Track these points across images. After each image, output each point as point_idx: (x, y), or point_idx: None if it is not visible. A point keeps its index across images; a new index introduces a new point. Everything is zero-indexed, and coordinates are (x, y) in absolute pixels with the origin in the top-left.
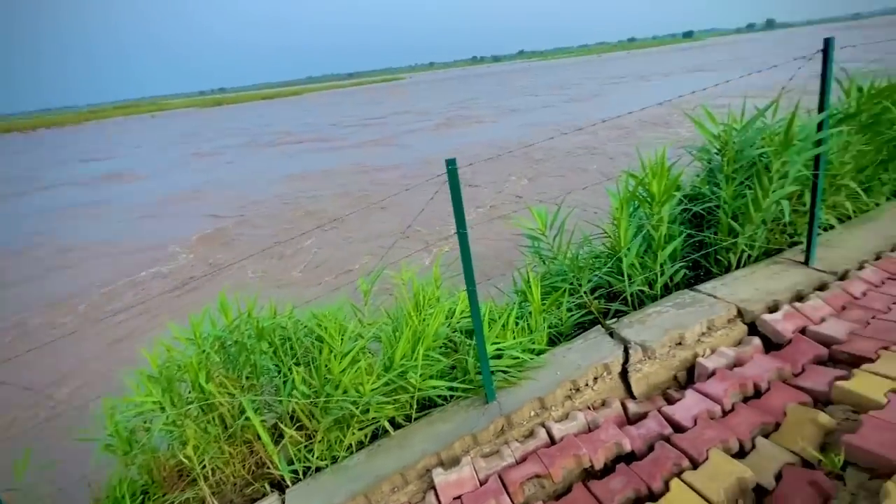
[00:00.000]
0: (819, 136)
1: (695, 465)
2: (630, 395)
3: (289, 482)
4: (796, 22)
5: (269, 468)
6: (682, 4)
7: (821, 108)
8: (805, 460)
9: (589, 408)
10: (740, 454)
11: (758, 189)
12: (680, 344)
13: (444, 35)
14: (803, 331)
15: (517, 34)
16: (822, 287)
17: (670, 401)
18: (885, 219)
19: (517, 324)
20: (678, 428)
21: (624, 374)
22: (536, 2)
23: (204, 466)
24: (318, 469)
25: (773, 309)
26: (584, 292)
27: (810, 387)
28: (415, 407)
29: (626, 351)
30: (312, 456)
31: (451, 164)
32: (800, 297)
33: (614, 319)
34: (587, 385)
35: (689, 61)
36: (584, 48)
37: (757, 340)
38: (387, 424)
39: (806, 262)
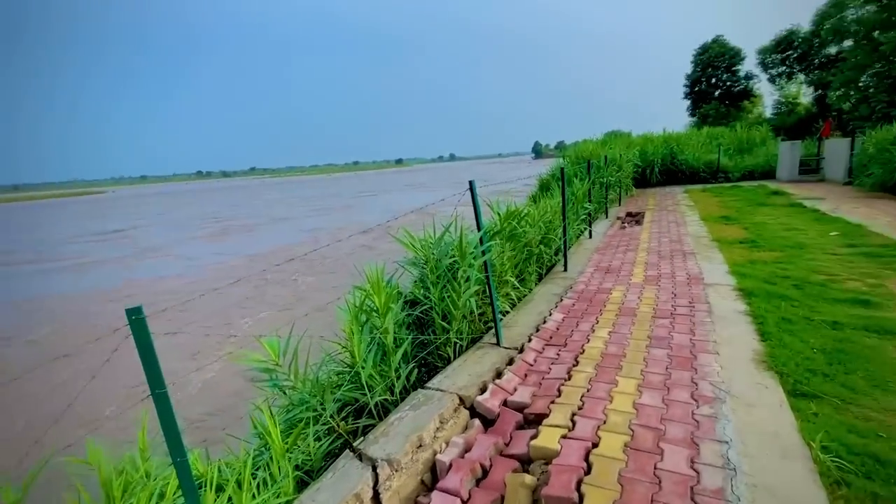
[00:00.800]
0: (482, 248)
1: None
2: None
3: None
4: (469, 156)
5: None
6: (393, 138)
7: (478, 228)
8: None
9: None
10: None
11: (452, 291)
12: (420, 446)
13: (159, 146)
14: (505, 402)
15: (248, 150)
16: (511, 361)
17: None
18: (537, 299)
19: (255, 476)
20: None
21: (377, 497)
22: (268, 122)
23: None
24: None
25: (483, 389)
26: (331, 415)
27: (517, 452)
28: None
29: (374, 470)
30: None
31: (134, 314)
32: (499, 374)
33: (362, 439)
34: None
35: (410, 180)
36: (315, 167)
37: (477, 421)
38: None
39: (498, 343)
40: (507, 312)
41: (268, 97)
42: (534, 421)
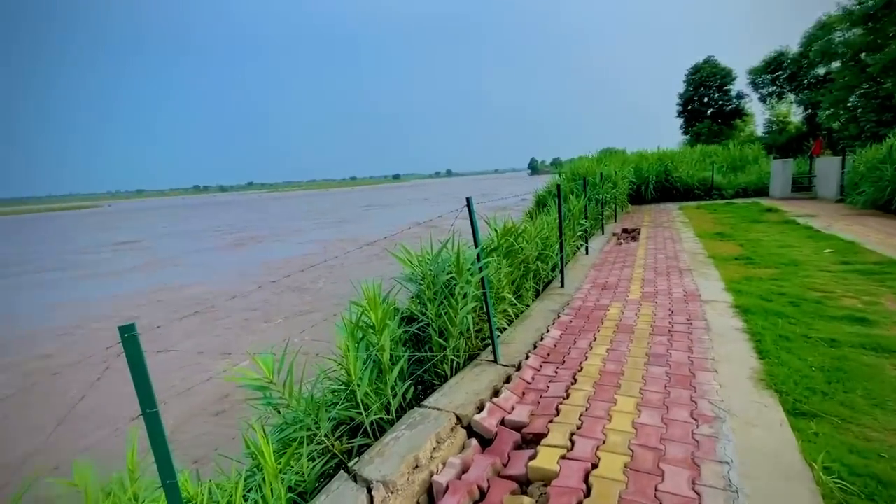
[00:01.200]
0: (479, 265)
1: None
2: None
3: None
4: (466, 172)
5: None
6: (392, 154)
7: (475, 245)
8: None
9: None
10: None
11: (450, 308)
12: (417, 467)
13: (155, 160)
14: (503, 422)
15: (245, 165)
16: (508, 379)
17: None
18: (534, 315)
19: (247, 498)
20: None
21: None
22: (266, 137)
23: None
24: None
25: (480, 408)
26: (326, 434)
27: (515, 474)
28: None
29: (369, 492)
30: None
31: (127, 332)
32: (497, 392)
33: (357, 459)
34: None
35: (411, 195)
36: (313, 182)
37: (475, 441)
38: None
39: (495, 361)
40: (505, 329)
41: (265, 111)
42: (532, 441)
